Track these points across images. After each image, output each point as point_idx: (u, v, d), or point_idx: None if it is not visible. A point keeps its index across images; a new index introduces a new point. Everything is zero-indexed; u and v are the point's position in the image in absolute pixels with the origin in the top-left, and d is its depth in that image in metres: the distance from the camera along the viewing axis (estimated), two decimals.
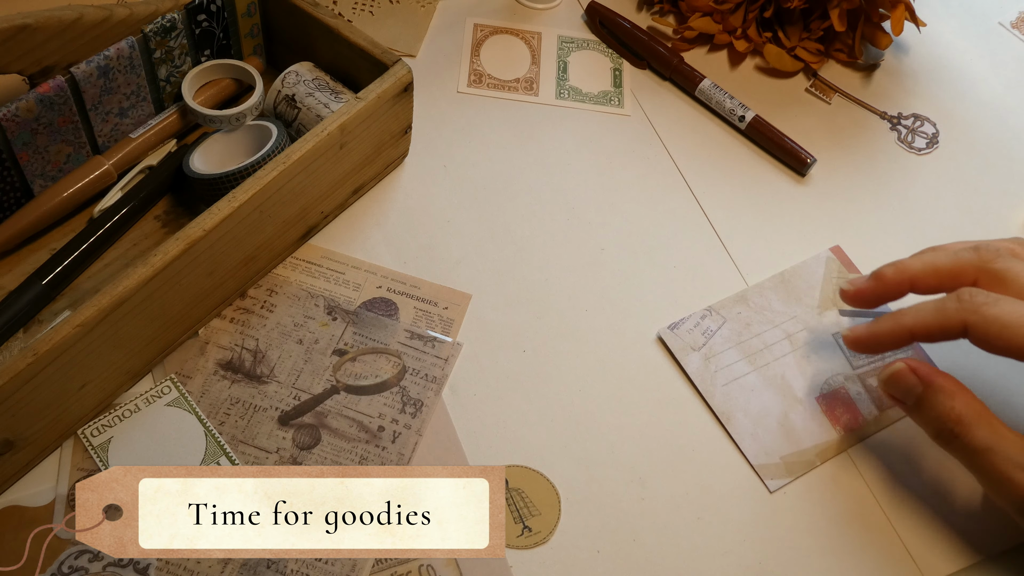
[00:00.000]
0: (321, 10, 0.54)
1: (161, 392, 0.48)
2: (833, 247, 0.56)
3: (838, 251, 0.56)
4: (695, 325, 0.52)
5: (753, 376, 0.51)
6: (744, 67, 0.66)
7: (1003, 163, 0.63)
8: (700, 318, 0.53)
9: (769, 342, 0.52)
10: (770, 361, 0.52)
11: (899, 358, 0.48)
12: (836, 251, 0.56)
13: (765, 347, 0.52)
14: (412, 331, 0.51)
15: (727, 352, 0.52)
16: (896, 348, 0.47)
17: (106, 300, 0.42)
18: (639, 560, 0.46)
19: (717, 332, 0.52)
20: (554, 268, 0.55)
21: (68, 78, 0.48)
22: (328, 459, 0.47)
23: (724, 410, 0.50)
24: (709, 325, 0.52)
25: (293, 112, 0.54)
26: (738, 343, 0.52)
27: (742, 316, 0.53)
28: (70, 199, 0.51)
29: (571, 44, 0.66)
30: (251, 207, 0.47)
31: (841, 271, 0.55)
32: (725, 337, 0.52)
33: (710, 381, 0.51)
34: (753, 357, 0.52)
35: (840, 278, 0.55)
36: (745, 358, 0.52)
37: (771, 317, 0.53)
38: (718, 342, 0.52)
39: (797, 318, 0.53)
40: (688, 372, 0.51)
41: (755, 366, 0.51)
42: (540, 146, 0.60)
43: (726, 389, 0.50)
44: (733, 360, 0.51)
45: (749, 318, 0.53)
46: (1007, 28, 0.72)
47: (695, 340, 0.52)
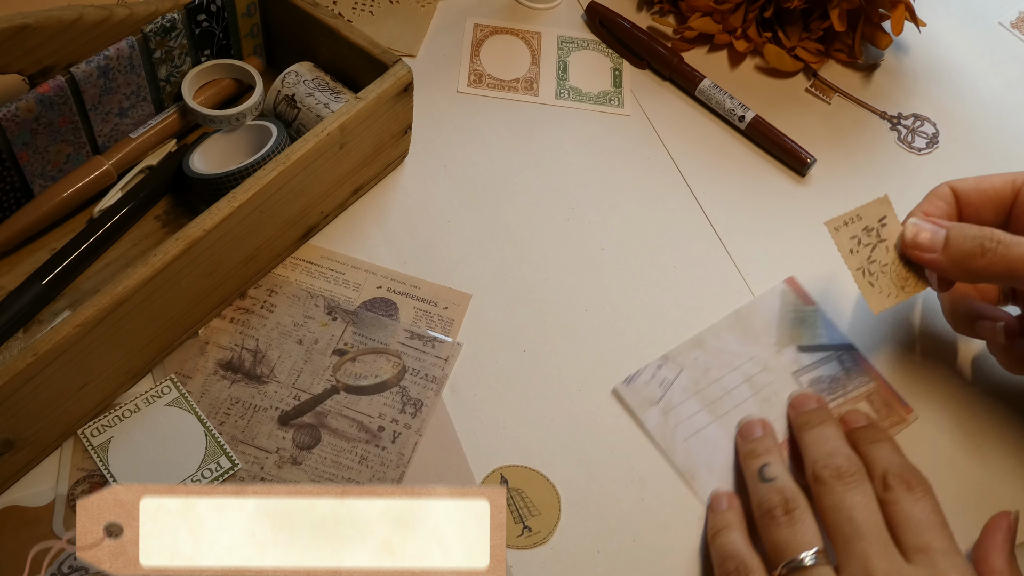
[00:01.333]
0: (321, 10, 0.54)
1: (161, 392, 0.48)
2: (787, 278, 0.55)
3: (792, 282, 0.55)
4: (651, 376, 0.50)
5: (714, 427, 0.49)
6: (744, 67, 0.66)
7: (1003, 163, 0.63)
8: (656, 368, 0.50)
9: (729, 387, 0.50)
10: (731, 408, 0.50)
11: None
12: (791, 282, 0.55)
13: (725, 393, 0.50)
14: (412, 331, 0.51)
15: (687, 403, 0.49)
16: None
17: (106, 300, 0.42)
18: (639, 560, 0.46)
19: (675, 382, 0.50)
20: (554, 268, 0.55)
21: (68, 78, 0.48)
22: (328, 459, 0.47)
23: (687, 468, 0.48)
24: (666, 375, 0.50)
25: (293, 112, 0.54)
26: (696, 392, 0.50)
27: (699, 361, 0.51)
28: (70, 199, 0.51)
29: (571, 44, 0.66)
30: (251, 207, 0.47)
31: (797, 304, 0.54)
32: (683, 387, 0.50)
33: (671, 437, 0.49)
34: (713, 406, 0.50)
35: (797, 311, 0.53)
36: (705, 407, 0.49)
37: (729, 360, 0.51)
38: (676, 393, 0.50)
39: (756, 358, 0.51)
40: (647, 429, 0.49)
41: (716, 415, 0.49)
42: (540, 146, 0.60)
43: (687, 445, 0.48)
44: (693, 411, 0.49)
45: (707, 363, 0.51)
46: (1007, 28, 0.72)
47: (652, 393, 0.50)
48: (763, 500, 0.44)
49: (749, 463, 0.46)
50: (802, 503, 0.43)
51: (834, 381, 0.51)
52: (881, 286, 0.48)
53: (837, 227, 0.48)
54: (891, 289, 0.49)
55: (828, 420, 0.47)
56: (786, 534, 0.42)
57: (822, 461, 0.45)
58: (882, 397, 0.51)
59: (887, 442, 0.47)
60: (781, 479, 0.45)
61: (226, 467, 0.46)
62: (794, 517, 0.42)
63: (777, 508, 0.43)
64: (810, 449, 0.46)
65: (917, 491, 0.43)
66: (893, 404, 0.51)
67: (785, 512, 0.43)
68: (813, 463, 0.45)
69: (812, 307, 0.54)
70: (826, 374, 0.51)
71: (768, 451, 0.46)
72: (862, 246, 0.48)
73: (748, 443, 0.47)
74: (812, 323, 0.53)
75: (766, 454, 0.46)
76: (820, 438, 0.46)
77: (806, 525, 0.42)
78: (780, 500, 0.43)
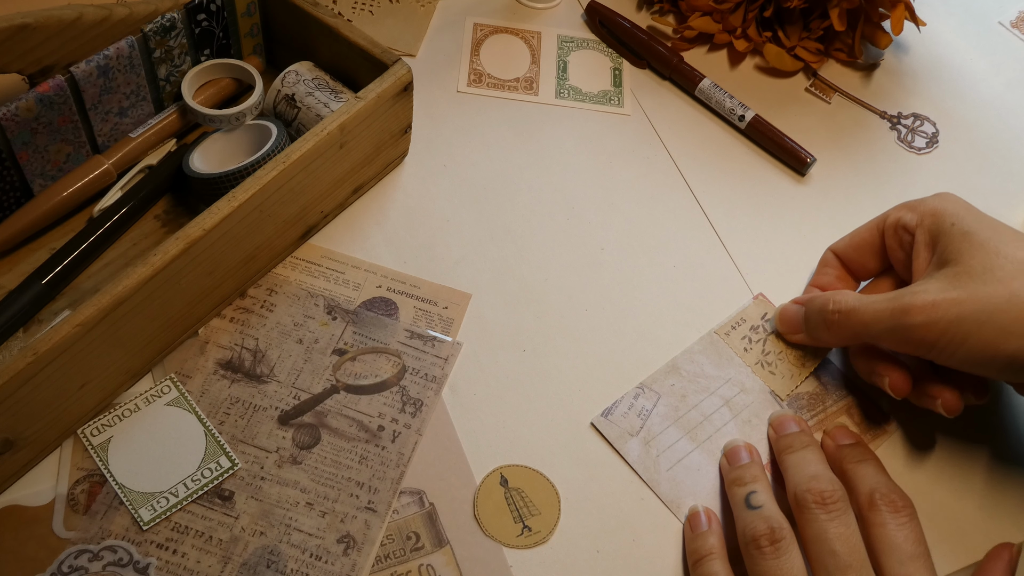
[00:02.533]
0: (321, 10, 0.54)
1: (161, 392, 0.48)
2: (756, 295, 0.54)
3: (762, 299, 0.54)
4: (629, 407, 0.49)
5: (697, 454, 0.48)
6: (744, 67, 0.66)
7: (1003, 163, 0.63)
8: (633, 398, 0.50)
9: (707, 412, 0.50)
10: (712, 434, 0.49)
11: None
12: (760, 299, 0.54)
13: (705, 418, 0.49)
14: (412, 331, 0.51)
15: (667, 432, 0.49)
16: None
17: (106, 300, 0.42)
18: (639, 560, 0.46)
19: (653, 411, 0.49)
20: (554, 268, 0.55)
21: (68, 78, 0.48)
22: (328, 458, 0.47)
23: (672, 499, 0.47)
24: (644, 404, 0.50)
25: (293, 112, 0.54)
26: (676, 419, 0.49)
27: (676, 388, 0.50)
28: (70, 199, 0.51)
29: (571, 44, 0.66)
30: (251, 207, 0.47)
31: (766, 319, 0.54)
32: (662, 415, 0.49)
33: (654, 468, 0.48)
34: (694, 432, 0.49)
35: (766, 321, 0.53)
36: (686, 435, 0.49)
37: (706, 384, 0.51)
38: (656, 422, 0.49)
39: (732, 380, 0.51)
40: (629, 460, 0.48)
41: (697, 442, 0.49)
42: (540, 146, 0.60)
43: (671, 474, 0.48)
44: (674, 439, 0.49)
45: (684, 388, 0.51)
46: (1007, 28, 0.72)
47: (631, 424, 0.49)
48: (748, 528, 0.44)
49: (735, 490, 0.46)
50: (788, 534, 0.43)
51: (813, 397, 0.51)
52: (782, 372, 0.52)
53: (727, 332, 0.52)
54: (792, 371, 0.52)
55: (810, 444, 0.47)
56: (772, 566, 0.42)
57: (804, 485, 0.44)
58: (862, 411, 0.51)
59: (872, 462, 0.47)
60: (767, 507, 0.44)
61: (226, 467, 0.46)
62: (779, 549, 0.42)
63: (763, 538, 0.43)
64: (791, 472, 0.46)
65: (902, 515, 0.43)
66: (874, 417, 0.51)
67: (771, 543, 0.42)
68: (795, 487, 0.45)
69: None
70: (804, 390, 0.51)
71: (755, 479, 0.46)
72: (753, 343, 0.52)
73: (734, 470, 0.47)
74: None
75: (753, 482, 0.46)
76: (802, 461, 0.46)
77: (791, 557, 0.42)
78: (766, 529, 0.43)
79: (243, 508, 0.45)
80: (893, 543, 0.42)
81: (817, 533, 0.43)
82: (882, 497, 0.44)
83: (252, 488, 0.46)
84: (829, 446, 0.48)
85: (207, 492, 0.45)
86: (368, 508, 0.46)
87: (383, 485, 0.46)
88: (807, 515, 0.43)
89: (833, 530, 0.42)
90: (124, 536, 0.44)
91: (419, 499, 0.46)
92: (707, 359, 0.52)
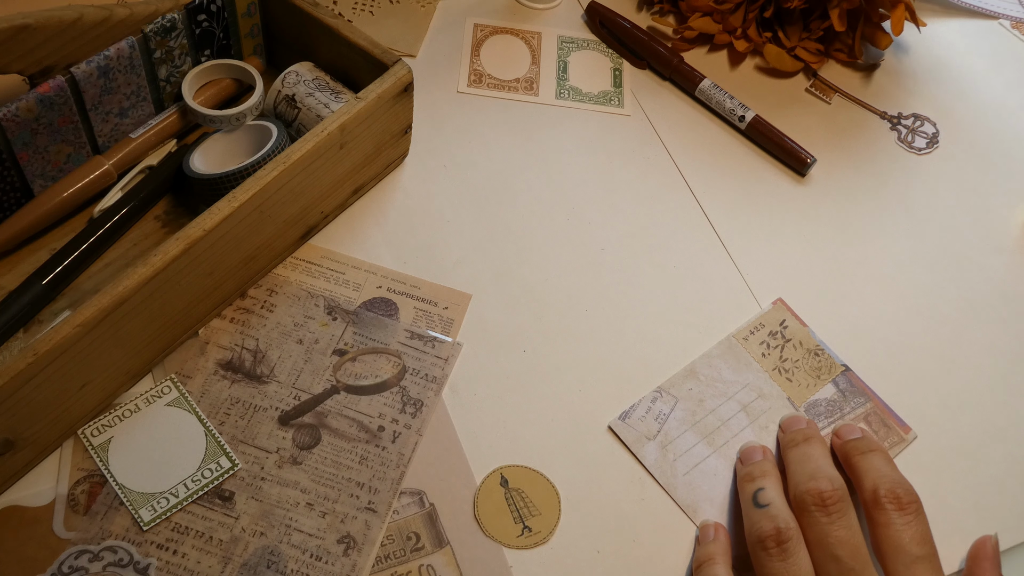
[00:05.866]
0: (321, 10, 0.54)
1: (161, 392, 0.48)
2: (775, 300, 0.54)
3: (780, 304, 0.54)
4: (647, 411, 0.49)
5: (714, 459, 0.48)
6: (744, 67, 0.66)
7: (1003, 163, 0.63)
8: (651, 402, 0.50)
9: (725, 417, 0.50)
10: (729, 439, 0.49)
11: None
12: (778, 304, 0.54)
13: (722, 423, 0.49)
14: (412, 331, 0.51)
15: (684, 436, 0.49)
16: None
17: (106, 300, 0.42)
18: (639, 560, 0.46)
19: (671, 415, 0.49)
20: (554, 268, 0.55)
21: (68, 78, 0.48)
22: (328, 459, 0.47)
23: (689, 503, 0.47)
24: (661, 408, 0.49)
25: (293, 112, 0.54)
26: (693, 424, 0.49)
27: (693, 392, 0.50)
28: (70, 199, 0.51)
29: (571, 44, 0.66)
30: (251, 207, 0.47)
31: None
32: (680, 419, 0.49)
33: (670, 472, 0.48)
34: (711, 437, 0.49)
35: (784, 327, 0.53)
36: (703, 439, 0.49)
37: (723, 389, 0.51)
38: (673, 426, 0.49)
39: (750, 385, 0.51)
40: (646, 464, 0.48)
41: (714, 447, 0.49)
42: (540, 146, 0.60)
43: (688, 479, 0.48)
44: (691, 444, 0.49)
45: (701, 393, 0.50)
46: (1007, 28, 0.72)
47: (649, 428, 0.49)
48: (755, 528, 0.43)
49: (745, 487, 0.46)
50: (795, 533, 0.43)
51: (831, 404, 0.51)
52: (799, 380, 0.51)
53: (745, 336, 0.52)
54: (808, 381, 0.51)
55: (813, 438, 0.47)
56: (778, 568, 0.42)
57: (803, 485, 0.44)
58: (880, 418, 0.51)
59: (879, 453, 0.46)
60: (775, 505, 0.44)
61: (226, 467, 0.46)
62: (785, 550, 0.42)
63: (769, 539, 0.42)
64: (792, 469, 0.46)
65: (908, 512, 0.43)
66: (891, 424, 0.51)
67: (777, 544, 0.42)
68: (795, 487, 0.45)
69: (805, 328, 0.53)
70: (822, 397, 0.51)
71: (764, 474, 0.46)
72: (771, 349, 0.52)
73: (745, 467, 0.47)
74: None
75: (762, 477, 0.46)
76: (803, 456, 0.46)
77: (798, 558, 0.42)
78: (772, 530, 0.43)
79: (243, 508, 0.45)
80: (898, 544, 0.42)
81: (819, 537, 0.43)
82: (887, 493, 0.43)
83: (252, 488, 0.46)
84: (836, 442, 0.48)
85: (207, 492, 0.45)
86: (368, 508, 0.46)
87: (383, 485, 0.46)
88: (808, 518, 0.43)
89: (834, 534, 0.42)
90: (124, 536, 0.44)
91: (419, 499, 0.46)
92: (725, 363, 0.52)
